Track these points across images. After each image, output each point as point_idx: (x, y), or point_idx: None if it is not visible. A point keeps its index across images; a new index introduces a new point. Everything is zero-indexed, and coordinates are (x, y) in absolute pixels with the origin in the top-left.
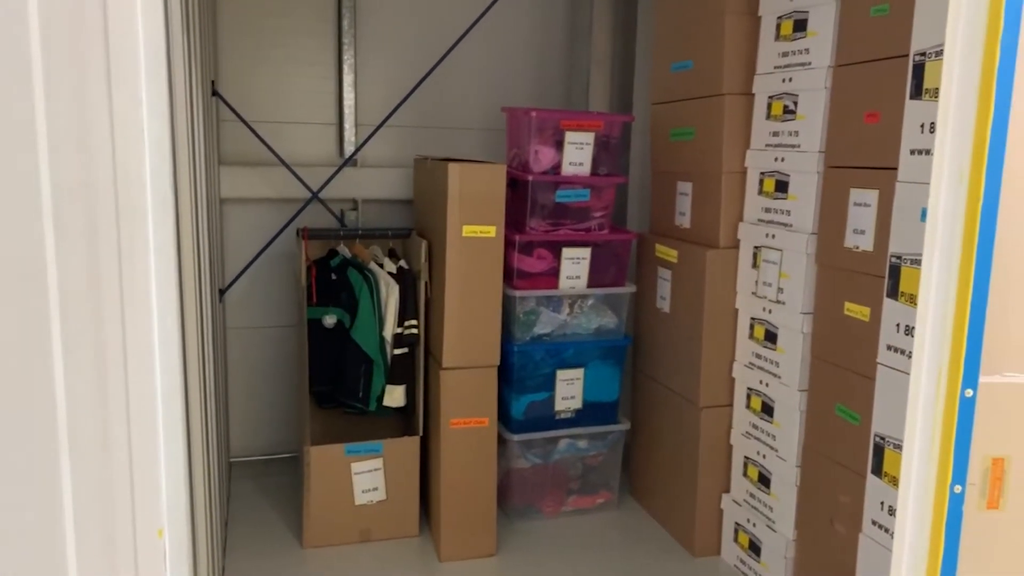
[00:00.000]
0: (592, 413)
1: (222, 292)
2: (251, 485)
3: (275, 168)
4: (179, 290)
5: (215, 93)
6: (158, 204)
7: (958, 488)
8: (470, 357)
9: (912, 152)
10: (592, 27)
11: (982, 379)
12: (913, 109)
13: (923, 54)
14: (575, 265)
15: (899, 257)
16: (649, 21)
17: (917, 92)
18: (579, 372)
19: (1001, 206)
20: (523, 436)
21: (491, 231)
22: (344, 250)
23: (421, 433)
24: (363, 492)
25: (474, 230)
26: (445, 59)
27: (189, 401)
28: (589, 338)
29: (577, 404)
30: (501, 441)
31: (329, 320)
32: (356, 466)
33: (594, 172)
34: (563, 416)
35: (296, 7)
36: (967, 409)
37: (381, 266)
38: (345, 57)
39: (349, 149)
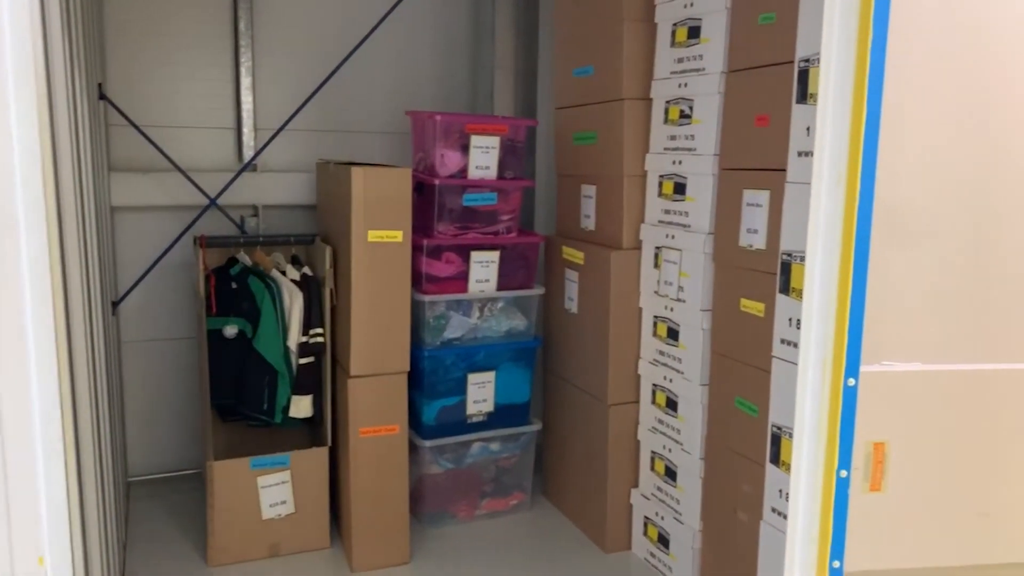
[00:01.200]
0: (504, 415)
1: (115, 304)
2: (152, 504)
3: (170, 174)
4: (64, 302)
5: (103, 96)
6: (30, 213)
7: (844, 473)
8: (379, 364)
9: (799, 154)
10: (495, 31)
11: (863, 369)
12: (799, 113)
13: (807, 60)
14: (484, 268)
15: (789, 255)
16: (551, 27)
17: (802, 97)
18: (490, 375)
19: (876, 205)
20: (435, 442)
21: (398, 236)
22: (244, 258)
23: (330, 443)
24: (270, 506)
25: (380, 235)
26: (347, 61)
27: (79, 420)
28: (500, 341)
29: (489, 407)
30: (412, 448)
31: (230, 330)
32: (262, 480)
33: (500, 176)
34: (475, 420)
35: (189, 7)
36: (850, 397)
37: (284, 273)
38: (242, 59)
39: (248, 154)
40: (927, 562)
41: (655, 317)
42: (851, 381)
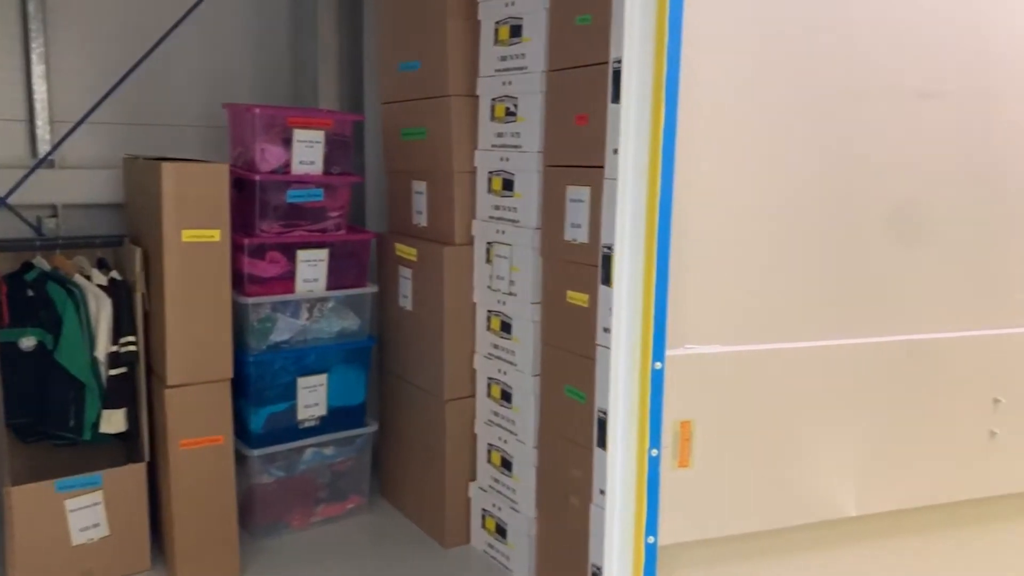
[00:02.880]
0: (338, 418)
1: None
2: None
3: None
4: None
5: None
6: None
7: (655, 452)
8: (199, 372)
9: (615, 152)
10: (317, 21)
11: (668, 353)
12: (615, 112)
13: (619, 61)
14: (312, 268)
15: (609, 248)
16: (376, 18)
17: (616, 96)
18: (322, 378)
19: (675, 200)
20: (264, 450)
21: (215, 235)
22: (42, 262)
23: (148, 459)
24: (81, 530)
25: (195, 235)
26: (157, 49)
27: None
28: (331, 342)
29: (321, 411)
30: (240, 458)
31: (27, 343)
32: (71, 503)
33: (327, 171)
34: (307, 425)
35: None
36: (657, 380)
37: (89, 278)
38: (33, 45)
39: (44, 148)
40: (733, 530)
41: (488, 311)
42: (658, 365)
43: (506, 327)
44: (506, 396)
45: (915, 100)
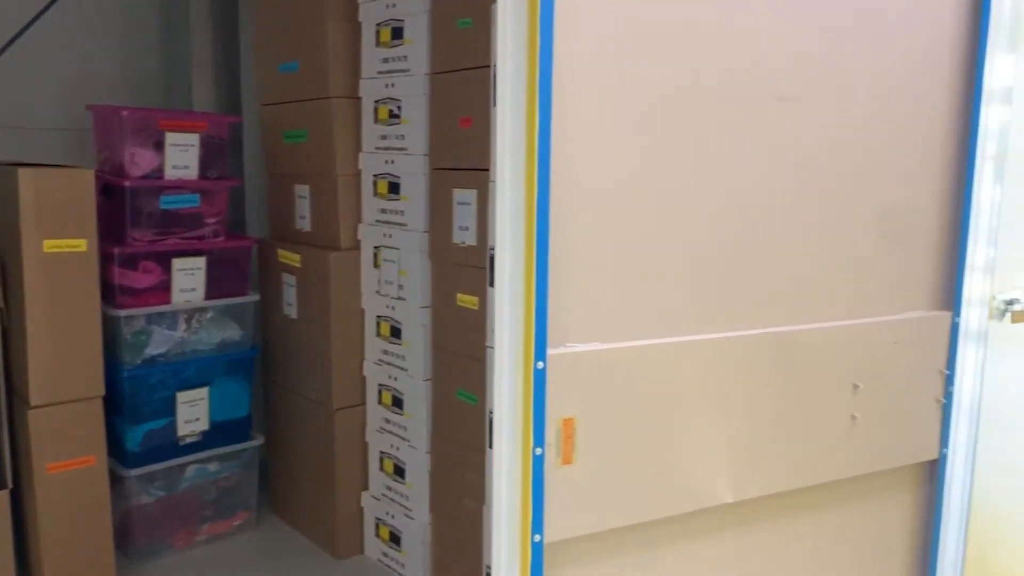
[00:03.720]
0: (222, 433)
1: None
2: None
3: None
4: None
5: None
6: None
7: (539, 450)
8: (66, 390)
9: None
10: (190, 21)
11: (550, 351)
12: (495, 115)
13: None
14: (189, 277)
15: (495, 249)
16: (252, 18)
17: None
18: (203, 391)
19: (553, 201)
20: (142, 469)
21: (81, 245)
22: None
23: (11, 485)
24: None
25: (59, 245)
26: (12, 48)
27: None
28: (212, 353)
29: (203, 426)
30: (116, 479)
31: None
32: None
33: (203, 175)
34: (188, 441)
35: None
36: (540, 379)
37: None
38: None
39: None
40: (617, 523)
41: (378, 317)
42: (540, 364)
43: (396, 332)
44: (397, 402)
45: (775, 103)
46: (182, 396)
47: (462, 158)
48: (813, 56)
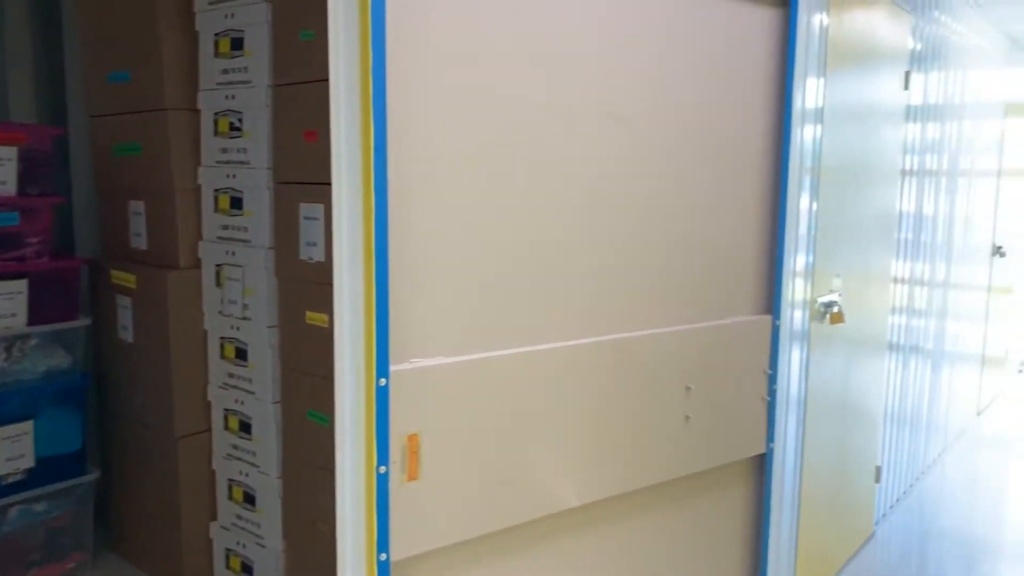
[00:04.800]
0: (50, 469)
1: None
2: None
3: None
4: None
5: None
6: None
7: (383, 468)
8: None
9: None
10: (5, 25)
11: (393, 368)
12: None
13: None
14: (9, 301)
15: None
16: (78, 24)
17: None
18: (27, 425)
19: (392, 217)
20: None
21: None
22: None
23: None
24: None
25: None
26: None
27: None
28: (37, 383)
29: (28, 463)
30: None
31: None
32: None
33: (22, 192)
34: (11, 480)
35: None
36: (383, 396)
37: None
38: None
39: None
40: (464, 536)
41: (222, 338)
42: (382, 381)
43: (242, 354)
44: (245, 427)
45: (608, 122)
46: (1, 432)
47: (308, 172)
48: (643, 79)
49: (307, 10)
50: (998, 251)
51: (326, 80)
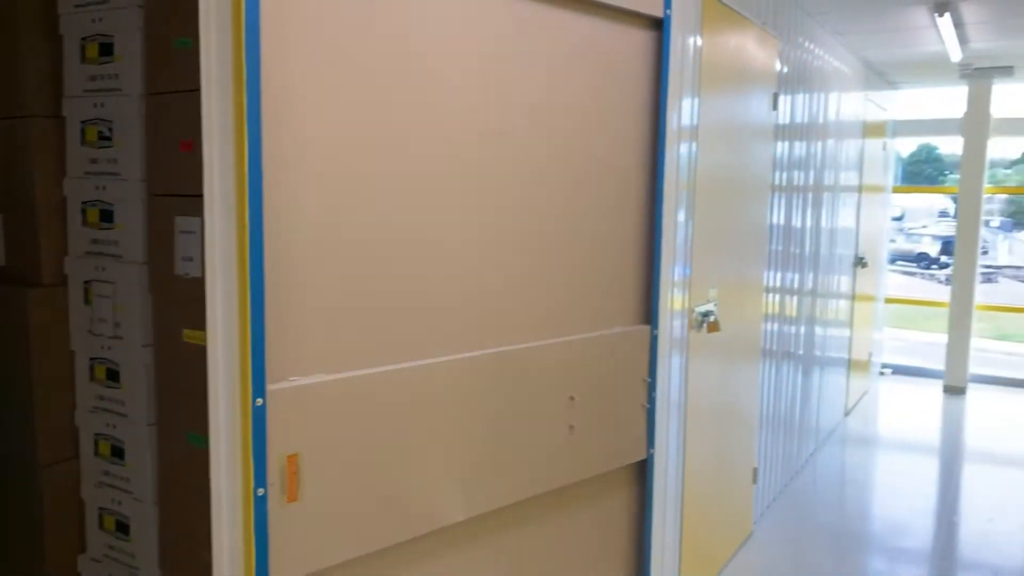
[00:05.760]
0: None
1: None
2: None
3: None
4: None
5: None
6: None
7: (261, 491)
8: None
9: None
10: None
11: (270, 387)
12: None
13: None
14: None
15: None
16: None
17: None
18: None
19: (268, 233)
20: None
21: None
22: None
23: None
24: None
25: None
26: None
27: None
28: None
29: None
30: None
31: None
32: None
33: None
34: None
35: None
36: (260, 416)
37: None
38: None
39: None
40: (349, 555)
41: (91, 359)
42: (259, 401)
43: (113, 375)
44: (117, 452)
45: (486, 137)
46: None
47: (184, 184)
48: (524, 97)
49: (182, 17)
50: (860, 262)
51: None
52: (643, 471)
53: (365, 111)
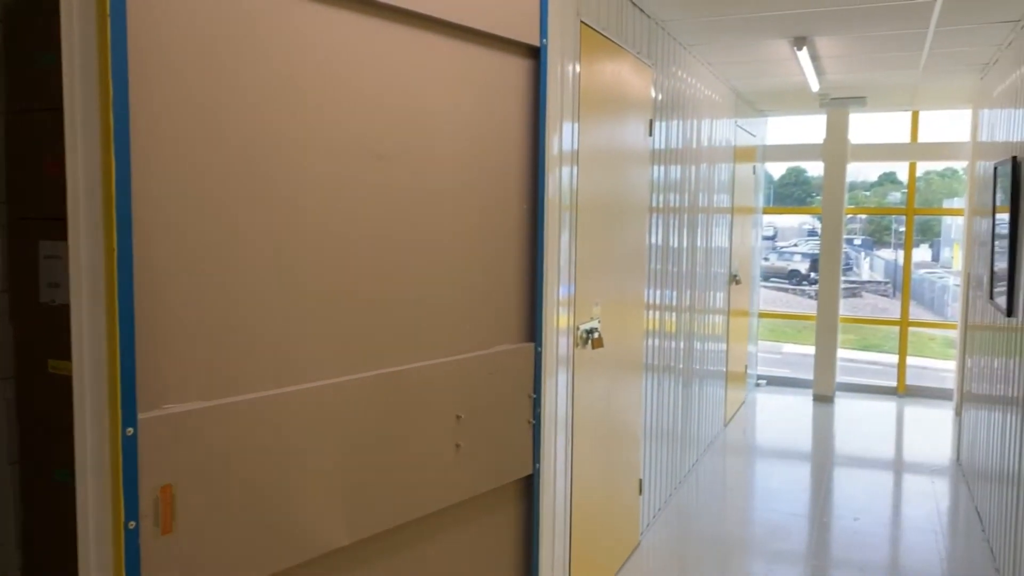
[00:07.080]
0: None
1: None
2: None
3: None
4: None
5: None
6: None
7: (132, 524)
8: None
9: None
10: None
11: (142, 415)
12: None
13: None
14: None
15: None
16: None
17: None
18: None
19: (135, 257)
20: None
21: None
22: None
23: None
24: None
25: None
26: None
27: None
28: None
29: None
30: None
31: None
32: None
33: None
34: None
35: None
36: (131, 446)
37: None
38: None
39: None
40: None
41: None
42: (129, 431)
43: None
44: None
45: (372, 160)
46: None
47: (49, 206)
48: (405, 121)
49: (46, 31)
50: (734, 279)
51: None
52: (530, 486)
53: (241, 131)
